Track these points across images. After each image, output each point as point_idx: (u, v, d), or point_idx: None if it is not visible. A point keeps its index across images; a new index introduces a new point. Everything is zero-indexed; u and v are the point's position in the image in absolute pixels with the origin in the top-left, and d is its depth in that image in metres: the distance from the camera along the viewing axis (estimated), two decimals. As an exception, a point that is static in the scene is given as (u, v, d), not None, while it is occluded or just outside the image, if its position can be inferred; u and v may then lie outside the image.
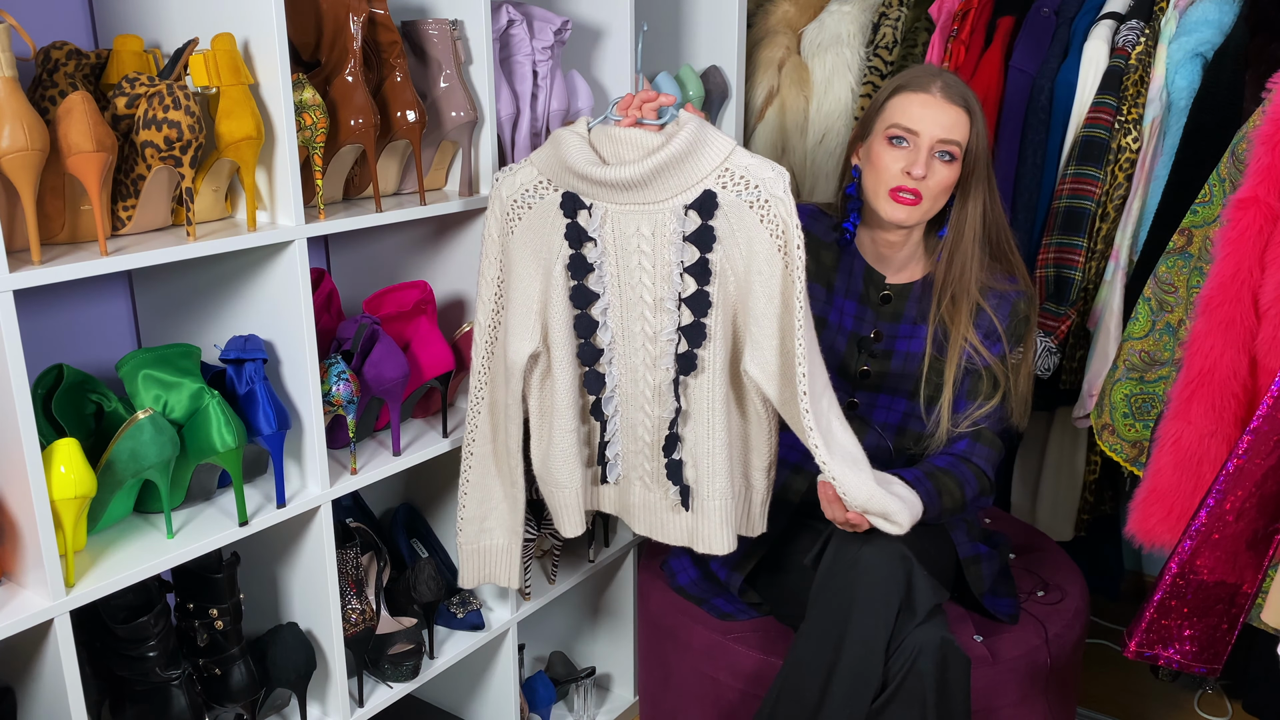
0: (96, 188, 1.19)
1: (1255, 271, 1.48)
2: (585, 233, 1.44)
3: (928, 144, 1.51)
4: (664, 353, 1.47)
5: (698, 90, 2.10)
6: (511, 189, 1.48)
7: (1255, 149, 1.49)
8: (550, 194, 1.45)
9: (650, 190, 1.39)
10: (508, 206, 1.49)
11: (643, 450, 1.55)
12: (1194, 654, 1.36)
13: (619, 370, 1.51)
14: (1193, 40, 1.89)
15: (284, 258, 1.39)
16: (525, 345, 1.49)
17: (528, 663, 2.26)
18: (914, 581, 1.40)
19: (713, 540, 1.53)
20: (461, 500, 1.65)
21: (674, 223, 1.39)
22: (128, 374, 1.34)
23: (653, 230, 1.41)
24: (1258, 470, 1.26)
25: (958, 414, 1.57)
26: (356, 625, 1.58)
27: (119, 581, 1.27)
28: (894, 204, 1.53)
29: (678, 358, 1.46)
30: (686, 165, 1.36)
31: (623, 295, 1.47)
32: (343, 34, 1.43)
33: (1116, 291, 1.95)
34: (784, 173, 1.36)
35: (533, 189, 1.47)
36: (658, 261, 1.43)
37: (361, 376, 1.54)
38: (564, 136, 1.42)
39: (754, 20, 2.37)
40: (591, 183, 1.40)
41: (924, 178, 1.51)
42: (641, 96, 1.39)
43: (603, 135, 1.42)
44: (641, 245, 1.43)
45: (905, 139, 1.52)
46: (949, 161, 1.52)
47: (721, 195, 1.37)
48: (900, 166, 1.52)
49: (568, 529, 1.60)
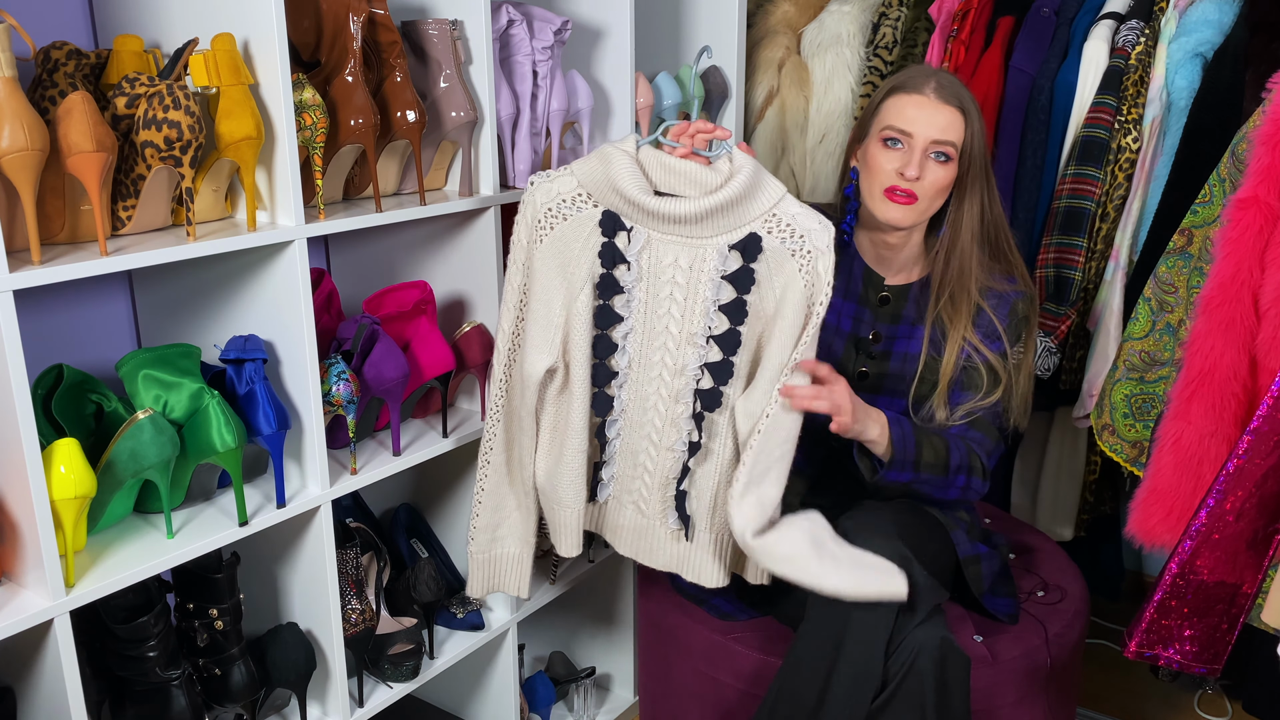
0: (96, 188, 1.19)
1: (1255, 271, 1.48)
2: (622, 255, 1.42)
3: (922, 145, 1.51)
4: (686, 387, 1.47)
5: (697, 90, 2.10)
6: (547, 196, 1.43)
7: (1255, 149, 1.49)
8: (589, 209, 1.42)
9: (699, 226, 1.39)
10: (540, 214, 1.43)
11: (641, 476, 1.54)
12: (1194, 654, 1.36)
13: (628, 396, 1.50)
14: (1193, 40, 1.89)
15: (284, 258, 1.39)
16: (543, 359, 1.45)
17: (528, 663, 2.26)
18: (914, 581, 1.39)
19: (703, 572, 1.55)
20: (475, 509, 1.62)
21: (715, 260, 1.40)
22: (128, 374, 1.34)
23: (690, 264, 1.41)
24: (1258, 470, 1.26)
25: (954, 406, 1.57)
26: (356, 625, 1.58)
27: (119, 581, 1.27)
28: (889, 204, 1.53)
29: (700, 393, 1.46)
30: (739, 208, 1.37)
31: (648, 323, 1.46)
32: (343, 34, 1.43)
33: (1116, 291, 1.95)
34: (829, 226, 1.37)
35: (570, 200, 1.42)
36: (691, 295, 1.42)
37: (361, 376, 1.54)
38: (614, 156, 1.38)
39: (754, 20, 2.38)
40: (641, 210, 1.39)
41: (918, 178, 1.51)
42: (697, 126, 1.38)
43: (654, 160, 1.40)
44: (676, 276, 1.42)
45: (900, 140, 1.52)
46: (944, 162, 1.52)
47: (766, 240, 1.38)
48: (895, 167, 1.52)
49: (565, 548, 1.59)
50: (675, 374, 1.47)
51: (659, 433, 1.50)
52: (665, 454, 1.51)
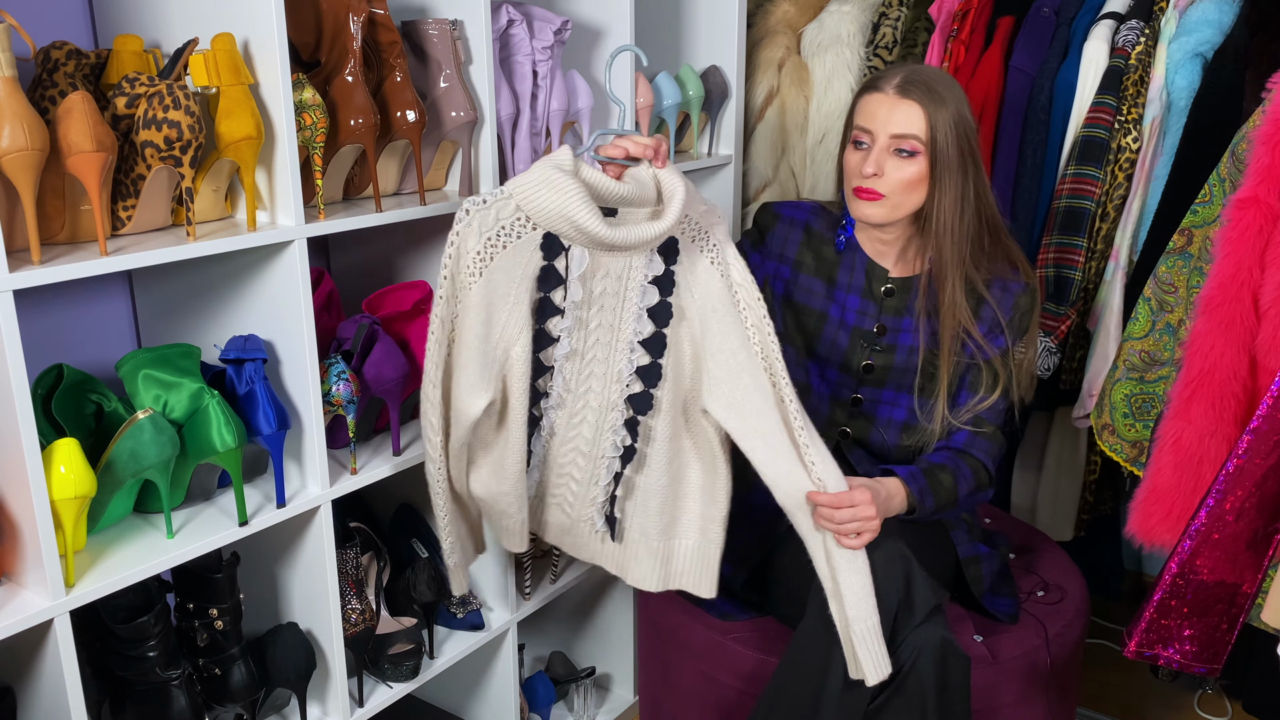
0: (96, 188, 1.19)
1: (1255, 271, 1.48)
2: (560, 277, 1.40)
3: (882, 142, 1.50)
4: (619, 395, 1.49)
5: (698, 90, 2.10)
6: (487, 225, 1.34)
7: (1255, 149, 1.49)
8: (528, 233, 1.36)
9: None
10: (479, 244, 1.34)
11: (568, 484, 1.57)
12: (1194, 654, 1.36)
13: (556, 416, 1.52)
14: (1193, 40, 1.89)
15: (284, 258, 1.39)
16: (482, 399, 1.39)
17: (528, 663, 2.26)
18: (913, 581, 1.40)
19: (640, 575, 1.59)
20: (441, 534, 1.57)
21: (642, 265, 1.42)
22: (128, 374, 1.34)
23: (620, 273, 1.43)
24: (1258, 470, 1.26)
25: (958, 407, 1.58)
26: (356, 625, 1.58)
27: (119, 581, 1.27)
28: (860, 203, 1.54)
29: (632, 398, 1.49)
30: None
31: (585, 338, 1.46)
32: (343, 34, 1.43)
33: (1116, 291, 1.95)
34: (724, 216, 1.46)
35: (509, 227, 1.35)
36: (622, 303, 1.44)
37: (361, 376, 1.54)
38: (562, 183, 1.31)
39: (754, 20, 2.38)
40: (597, 241, 1.35)
41: (875, 174, 1.50)
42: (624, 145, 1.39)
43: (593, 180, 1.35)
44: (607, 287, 1.43)
45: (864, 140, 1.53)
46: (907, 157, 1.50)
47: (681, 241, 1.43)
48: (859, 167, 1.53)
49: (514, 547, 1.61)
50: (608, 383, 1.49)
51: (588, 443, 1.53)
52: (596, 462, 1.54)
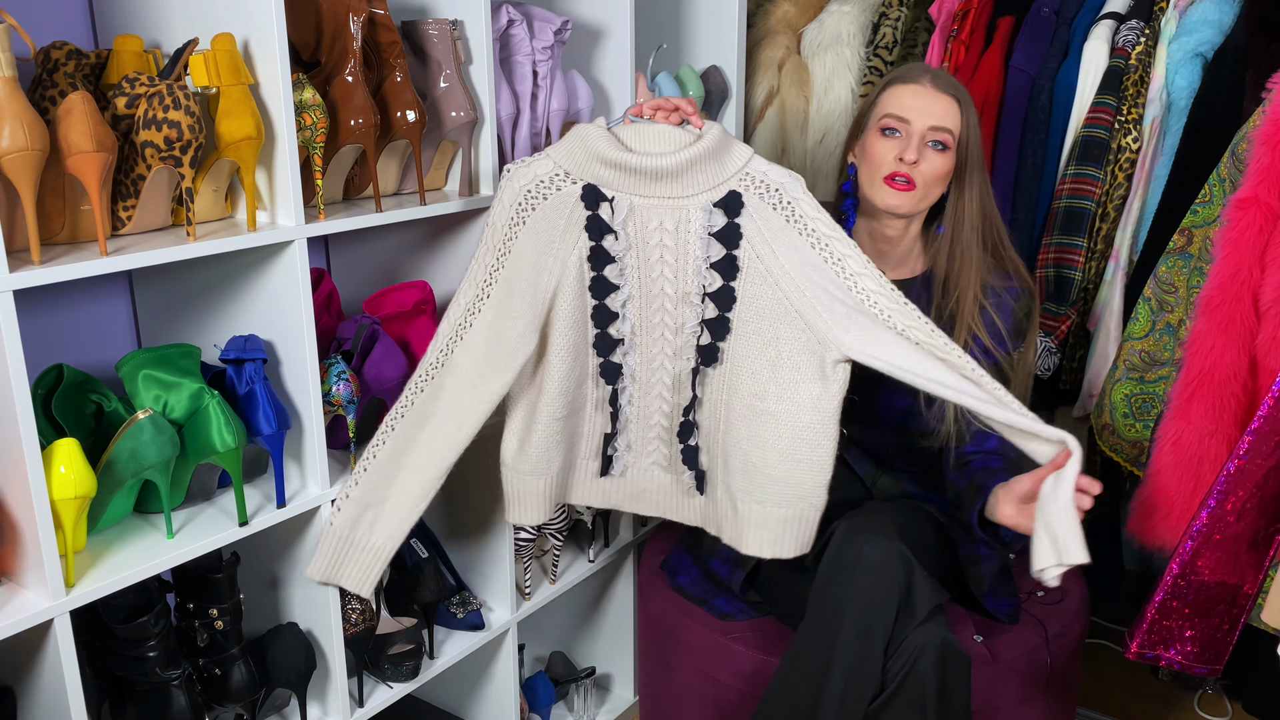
0: (96, 188, 1.19)
1: (1255, 271, 1.49)
2: (608, 225, 1.45)
3: (919, 132, 1.54)
4: (687, 344, 1.51)
5: (698, 90, 2.10)
6: (526, 179, 1.46)
7: (1255, 149, 1.49)
8: (568, 186, 1.45)
9: (679, 184, 1.42)
10: (520, 197, 1.46)
11: (660, 435, 1.59)
12: (1195, 655, 1.36)
13: (635, 361, 1.54)
14: (1193, 40, 1.89)
15: (284, 258, 1.39)
16: (532, 340, 1.47)
17: (528, 663, 2.26)
18: (914, 581, 1.39)
19: (724, 525, 1.55)
20: (355, 478, 1.49)
21: (700, 218, 1.43)
22: (128, 374, 1.34)
23: (675, 225, 1.45)
24: (1258, 471, 1.26)
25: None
26: (356, 625, 1.58)
27: (119, 581, 1.27)
28: (888, 191, 1.56)
29: (700, 349, 1.50)
30: (715, 163, 1.41)
31: (643, 288, 1.49)
32: (343, 34, 1.43)
33: (1116, 291, 1.95)
34: (798, 176, 1.43)
35: (548, 180, 1.45)
36: (681, 256, 1.46)
37: (361, 376, 1.54)
38: (588, 130, 1.43)
39: (754, 20, 2.38)
40: (622, 171, 1.42)
41: (915, 163, 1.54)
42: (656, 102, 1.45)
43: (626, 130, 1.45)
44: (664, 239, 1.46)
45: (898, 129, 1.55)
46: (941, 150, 1.55)
47: (746, 197, 1.43)
48: (894, 154, 1.55)
49: (530, 517, 1.59)
50: (676, 332, 1.51)
51: (669, 390, 1.55)
52: (676, 410, 1.56)
